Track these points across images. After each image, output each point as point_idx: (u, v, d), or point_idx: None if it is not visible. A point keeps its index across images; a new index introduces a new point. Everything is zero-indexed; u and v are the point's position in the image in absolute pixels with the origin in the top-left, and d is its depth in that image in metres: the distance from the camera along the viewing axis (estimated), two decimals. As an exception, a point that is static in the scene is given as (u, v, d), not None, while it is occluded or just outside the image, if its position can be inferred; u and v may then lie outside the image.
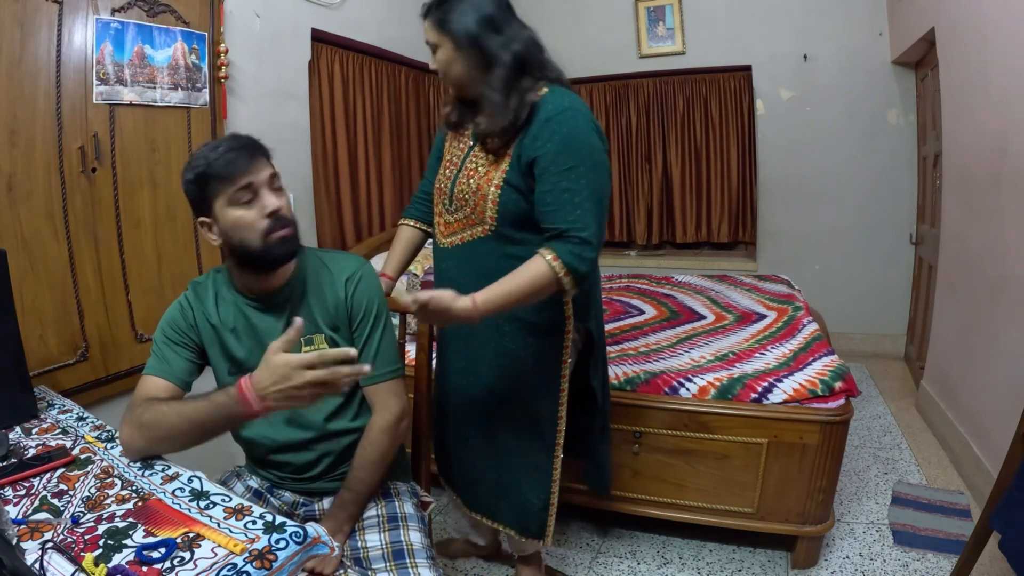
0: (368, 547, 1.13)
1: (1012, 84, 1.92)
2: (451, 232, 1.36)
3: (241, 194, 1.06)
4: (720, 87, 3.81)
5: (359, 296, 1.19)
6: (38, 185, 1.50)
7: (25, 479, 1.01)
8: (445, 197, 1.36)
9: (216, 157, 1.06)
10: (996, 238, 2.07)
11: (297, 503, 1.25)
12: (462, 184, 1.31)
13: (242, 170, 1.06)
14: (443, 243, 1.39)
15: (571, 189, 1.17)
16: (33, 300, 1.49)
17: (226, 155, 1.06)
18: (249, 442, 1.23)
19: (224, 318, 1.17)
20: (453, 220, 1.35)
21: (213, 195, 1.07)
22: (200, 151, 1.09)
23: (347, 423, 1.22)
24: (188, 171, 1.09)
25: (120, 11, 1.64)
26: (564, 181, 1.18)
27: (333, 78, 2.63)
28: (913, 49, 2.96)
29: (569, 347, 1.39)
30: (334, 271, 1.21)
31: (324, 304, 1.18)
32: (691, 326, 2.39)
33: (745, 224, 3.97)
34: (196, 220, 1.11)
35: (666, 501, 1.85)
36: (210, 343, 1.18)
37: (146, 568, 0.78)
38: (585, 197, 1.18)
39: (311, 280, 1.19)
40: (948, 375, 2.52)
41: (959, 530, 1.90)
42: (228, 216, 1.07)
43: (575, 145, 1.19)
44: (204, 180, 1.06)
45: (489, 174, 1.27)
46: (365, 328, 1.20)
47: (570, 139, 1.19)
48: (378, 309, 1.21)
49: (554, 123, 1.19)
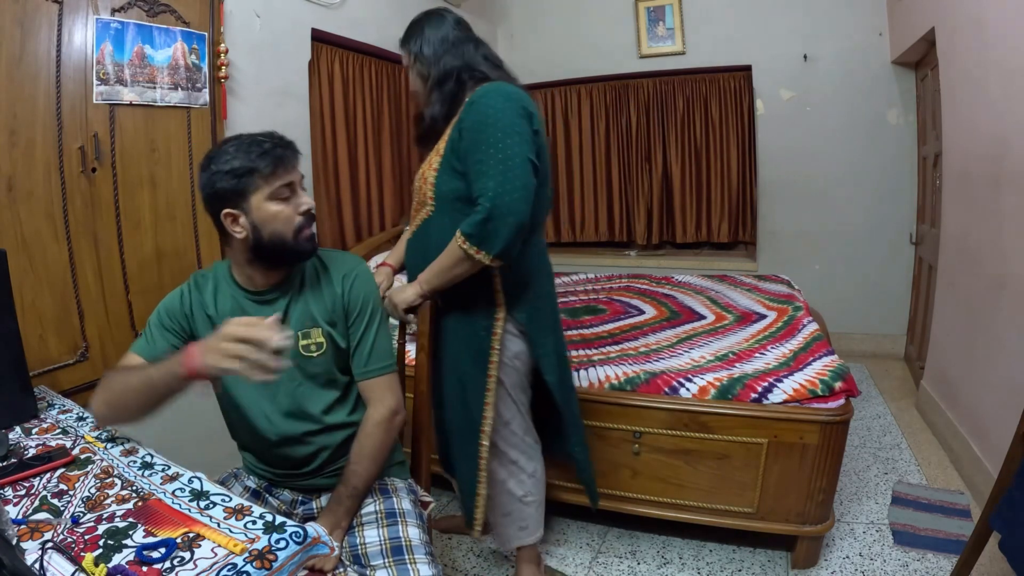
0: (367, 543, 1.13)
1: (1012, 84, 1.92)
2: (414, 221, 1.51)
3: (283, 190, 1.13)
4: (720, 87, 3.81)
5: (355, 293, 1.23)
6: (38, 185, 1.50)
7: (25, 479, 1.01)
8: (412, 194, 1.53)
9: (262, 152, 1.11)
10: (996, 238, 2.07)
11: (296, 501, 1.25)
12: (416, 178, 1.49)
13: (289, 168, 1.14)
14: (411, 231, 1.54)
15: (481, 160, 1.30)
16: (33, 300, 1.49)
17: (274, 151, 1.11)
18: (251, 435, 1.23)
19: (221, 309, 1.20)
20: (413, 212, 1.52)
21: (253, 188, 1.11)
22: (236, 145, 1.12)
23: (344, 417, 1.23)
24: (223, 163, 1.10)
25: (120, 11, 1.64)
26: (477, 153, 1.31)
27: (333, 78, 2.63)
28: (913, 49, 2.96)
29: (499, 334, 1.46)
30: (332, 269, 1.25)
31: (322, 301, 1.21)
32: (691, 326, 2.39)
33: (745, 224, 3.97)
34: (221, 212, 1.12)
35: (666, 501, 1.85)
36: (204, 333, 1.19)
37: (146, 568, 0.78)
38: (491, 166, 1.28)
39: (310, 277, 1.23)
40: (948, 375, 2.52)
41: (959, 530, 1.90)
42: (266, 210, 1.11)
43: (487, 119, 1.31)
44: (248, 173, 1.10)
45: (431, 162, 1.43)
46: (361, 324, 1.23)
47: (483, 115, 1.31)
48: (373, 306, 1.25)
49: (472, 106, 1.34)
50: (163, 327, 1.19)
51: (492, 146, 1.29)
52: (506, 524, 1.67)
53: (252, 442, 1.25)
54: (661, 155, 4.02)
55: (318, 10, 2.47)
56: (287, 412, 1.20)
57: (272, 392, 1.20)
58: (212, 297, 1.21)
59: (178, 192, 1.85)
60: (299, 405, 1.20)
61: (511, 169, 1.28)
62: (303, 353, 1.19)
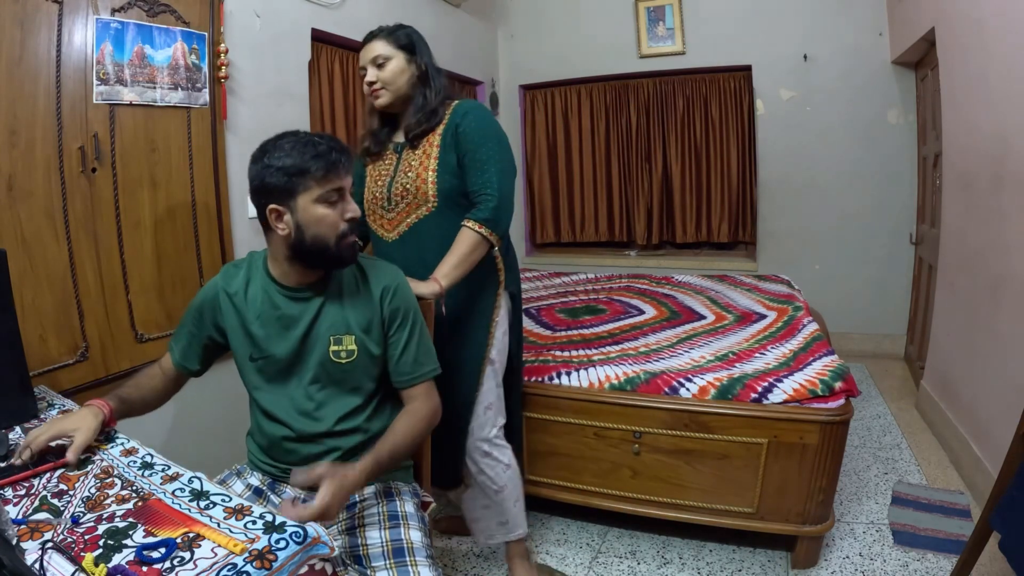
0: (368, 544, 1.14)
1: (1012, 84, 1.92)
2: (394, 225, 1.59)
3: (332, 194, 1.13)
4: (720, 87, 3.81)
5: (395, 305, 1.25)
6: (38, 185, 1.49)
7: (25, 479, 1.01)
8: (382, 201, 1.60)
9: (317, 154, 1.11)
10: (996, 238, 2.07)
11: (298, 500, 1.25)
12: (400, 181, 1.56)
13: (342, 174, 1.14)
14: (389, 237, 1.61)
15: (483, 160, 1.51)
16: (33, 300, 1.49)
17: (329, 155, 1.12)
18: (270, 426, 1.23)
19: (252, 300, 1.22)
20: (394, 215, 1.59)
21: (303, 188, 1.11)
22: (292, 142, 1.12)
23: (360, 422, 1.24)
24: (276, 158, 1.10)
25: (120, 11, 1.64)
26: (479, 153, 1.51)
27: (333, 78, 2.63)
28: (913, 49, 2.96)
29: (500, 307, 1.64)
30: (371, 279, 1.25)
31: (358, 307, 1.22)
32: (691, 326, 2.39)
33: (745, 224, 3.97)
34: (268, 206, 1.13)
35: (666, 501, 1.85)
36: (232, 325, 1.23)
37: (146, 568, 0.78)
38: (494, 163, 1.51)
39: (348, 283, 1.24)
40: (948, 375, 2.52)
41: (959, 530, 1.90)
42: (313, 212, 1.12)
43: (487, 130, 1.54)
44: (299, 173, 1.10)
45: (423, 164, 1.55)
46: (403, 333, 1.25)
47: (483, 125, 1.54)
48: (413, 316, 1.27)
49: (470, 114, 1.54)
50: (192, 322, 1.27)
51: (494, 147, 1.52)
52: (487, 517, 1.71)
53: (263, 437, 1.26)
54: (661, 155, 4.02)
55: (318, 10, 2.47)
56: (304, 412, 1.21)
57: (292, 393, 1.21)
58: (244, 287, 1.23)
59: (178, 192, 1.85)
60: (318, 407, 1.21)
61: (508, 164, 1.55)
62: (333, 359, 1.20)
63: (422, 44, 1.59)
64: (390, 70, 1.54)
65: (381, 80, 1.54)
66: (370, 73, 1.55)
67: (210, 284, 1.28)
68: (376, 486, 1.25)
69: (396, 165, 1.60)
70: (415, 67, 1.56)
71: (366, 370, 1.23)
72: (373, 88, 1.55)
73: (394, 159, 1.61)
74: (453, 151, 1.53)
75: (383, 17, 2.93)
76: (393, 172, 1.59)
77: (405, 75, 1.55)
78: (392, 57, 1.54)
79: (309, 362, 1.21)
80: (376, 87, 1.55)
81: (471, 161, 1.52)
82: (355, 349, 1.21)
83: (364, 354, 1.22)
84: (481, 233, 1.49)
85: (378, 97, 1.56)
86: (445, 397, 1.47)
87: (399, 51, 1.54)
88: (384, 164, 1.63)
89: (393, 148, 1.63)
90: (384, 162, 1.63)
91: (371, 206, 1.64)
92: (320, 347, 1.20)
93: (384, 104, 1.57)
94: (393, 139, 1.64)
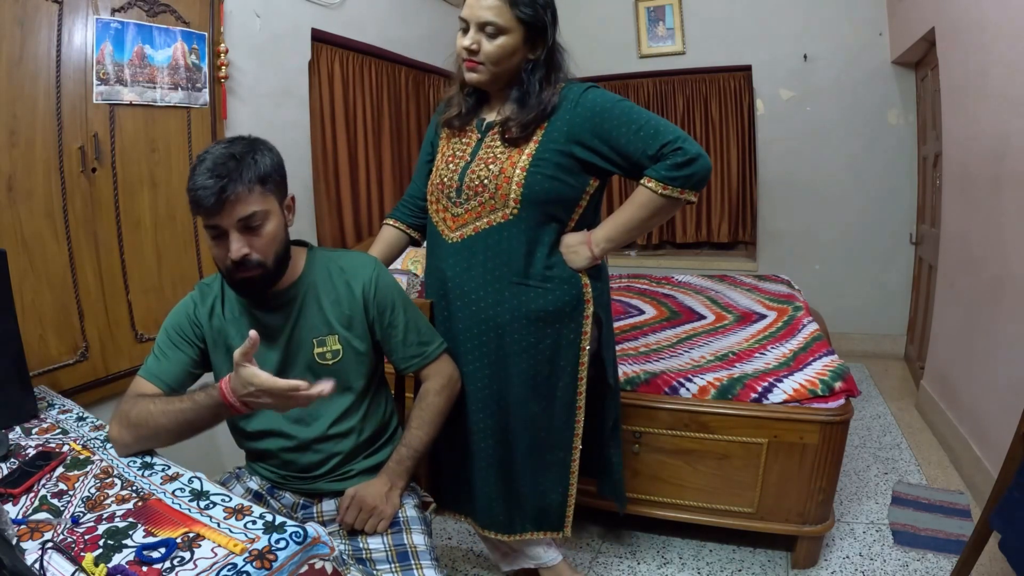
0: (371, 549, 1.13)
1: (1012, 84, 1.92)
2: (460, 224, 1.30)
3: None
4: (720, 87, 3.81)
5: (380, 299, 1.21)
6: (38, 185, 1.49)
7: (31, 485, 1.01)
8: (451, 191, 1.30)
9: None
10: (996, 238, 2.07)
11: (297, 504, 1.24)
12: (477, 172, 1.26)
13: (215, 213, 1.02)
14: (450, 238, 1.32)
15: (639, 124, 1.19)
16: (33, 300, 1.49)
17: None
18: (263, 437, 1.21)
19: (229, 316, 1.18)
20: (463, 211, 1.29)
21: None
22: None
23: (355, 423, 1.22)
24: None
25: (120, 11, 1.64)
26: (625, 126, 1.20)
27: (333, 78, 2.63)
28: (913, 49, 2.96)
29: (588, 332, 1.36)
30: (347, 270, 1.21)
31: (337, 304, 1.19)
32: (691, 326, 2.39)
33: (745, 224, 3.97)
34: None
35: (666, 501, 1.85)
36: (213, 342, 1.19)
37: (146, 568, 0.78)
38: (648, 121, 1.20)
39: (321, 280, 1.20)
40: (948, 375, 2.52)
41: (959, 530, 1.90)
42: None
43: (619, 100, 1.23)
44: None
45: (512, 158, 1.24)
46: (398, 322, 1.22)
47: (606, 99, 1.23)
48: (402, 300, 1.24)
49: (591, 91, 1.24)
50: (172, 344, 1.16)
51: (637, 113, 1.22)
52: (535, 543, 1.56)
53: (258, 445, 1.24)
54: (661, 155, 4.02)
55: (318, 10, 2.47)
56: (296, 418, 1.19)
57: None
58: (220, 304, 1.19)
59: (178, 192, 1.84)
60: (310, 412, 1.19)
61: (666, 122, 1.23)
62: (318, 361, 1.18)
63: (553, 20, 1.24)
64: (500, 45, 1.19)
65: (485, 55, 1.19)
66: (470, 38, 1.19)
67: (185, 304, 1.20)
68: None
69: (475, 148, 1.28)
70: (534, 51, 1.23)
71: (355, 368, 1.21)
72: (471, 60, 1.21)
73: (474, 140, 1.29)
74: (566, 144, 1.22)
75: (383, 17, 2.95)
76: (471, 157, 1.28)
77: (517, 56, 1.21)
78: (509, 31, 1.18)
79: (296, 368, 1.18)
80: (475, 60, 1.20)
81: (620, 135, 1.19)
82: (340, 348, 1.18)
83: (350, 352, 1.19)
84: (665, 195, 1.18)
85: (473, 71, 1.22)
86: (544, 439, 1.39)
87: (520, 25, 1.19)
88: (462, 143, 1.31)
89: (476, 125, 1.30)
90: (463, 140, 1.31)
91: (437, 192, 1.33)
92: (304, 352, 1.18)
93: (476, 82, 1.25)
94: (480, 114, 1.30)
